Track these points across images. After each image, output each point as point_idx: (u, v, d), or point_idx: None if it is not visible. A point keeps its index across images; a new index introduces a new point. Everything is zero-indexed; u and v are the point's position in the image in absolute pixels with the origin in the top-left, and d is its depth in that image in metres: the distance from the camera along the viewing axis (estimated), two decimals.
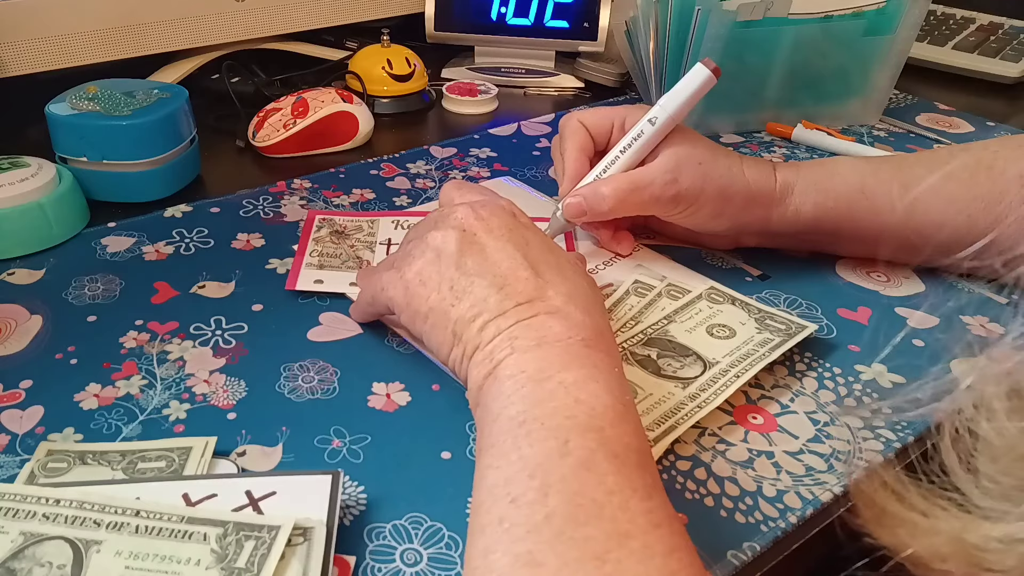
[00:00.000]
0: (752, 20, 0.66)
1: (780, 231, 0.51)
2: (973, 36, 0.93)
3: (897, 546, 0.25)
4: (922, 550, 0.24)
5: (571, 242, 0.55)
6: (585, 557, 0.27)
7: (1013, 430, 0.23)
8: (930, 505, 0.24)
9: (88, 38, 0.67)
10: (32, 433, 0.39)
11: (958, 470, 0.24)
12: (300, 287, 0.49)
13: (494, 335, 0.36)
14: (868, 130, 0.76)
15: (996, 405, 0.24)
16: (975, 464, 0.24)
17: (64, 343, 0.45)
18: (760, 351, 0.44)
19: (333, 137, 0.68)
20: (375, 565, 0.33)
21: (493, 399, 0.34)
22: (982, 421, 0.24)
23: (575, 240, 0.55)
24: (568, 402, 0.32)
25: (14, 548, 0.31)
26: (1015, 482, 0.23)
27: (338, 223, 0.56)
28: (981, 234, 0.48)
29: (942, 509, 0.24)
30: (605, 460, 0.30)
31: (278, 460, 0.38)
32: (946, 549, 0.23)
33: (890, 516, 0.25)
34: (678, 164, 0.48)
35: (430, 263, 0.39)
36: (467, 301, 0.37)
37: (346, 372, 0.43)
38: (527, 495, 0.29)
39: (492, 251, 0.38)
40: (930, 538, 0.24)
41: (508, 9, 0.84)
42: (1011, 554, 0.22)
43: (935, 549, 0.24)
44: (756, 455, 0.39)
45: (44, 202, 0.52)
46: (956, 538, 0.23)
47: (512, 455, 0.31)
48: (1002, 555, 0.22)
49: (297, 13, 0.78)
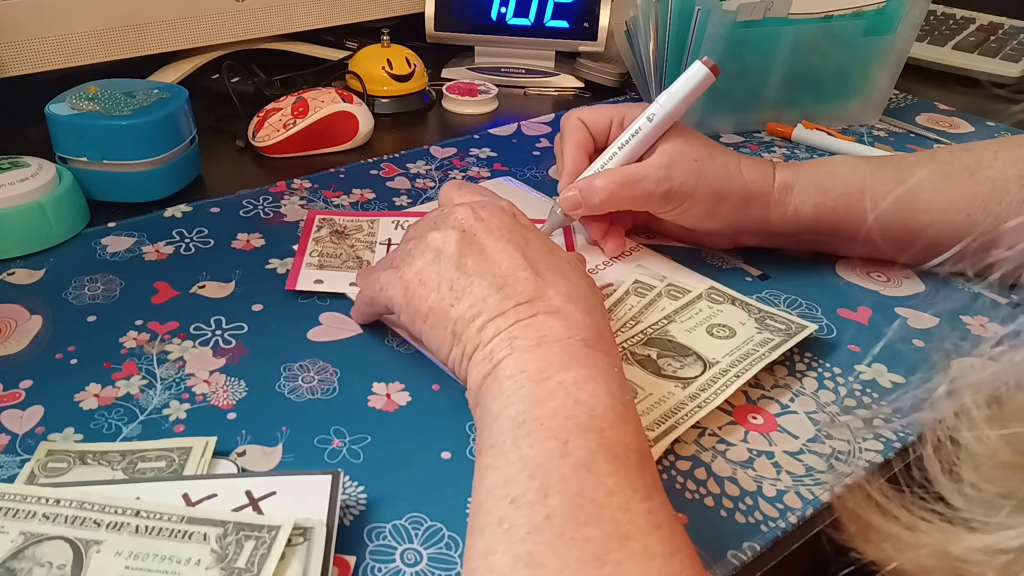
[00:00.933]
0: (752, 20, 0.66)
1: (779, 231, 0.51)
2: (973, 36, 0.93)
3: (882, 561, 0.25)
4: (907, 564, 0.24)
5: (571, 242, 0.55)
6: (585, 558, 0.27)
7: (994, 437, 0.23)
8: (914, 518, 0.24)
9: (88, 38, 0.67)
10: (32, 433, 0.39)
11: (941, 478, 0.24)
12: (300, 287, 0.49)
13: (494, 335, 0.36)
14: (868, 130, 0.76)
15: (975, 413, 0.24)
16: (958, 472, 0.24)
17: (64, 343, 0.45)
18: (760, 351, 0.44)
19: (333, 137, 0.68)
20: (375, 565, 0.33)
21: (493, 399, 0.34)
22: (963, 429, 0.24)
23: (574, 237, 0.55)
24: (568, 402, 0.32)
25: (14, 548, 0.31)
26: (997, 489, 0.23)
27: (338, 223, 0.56)
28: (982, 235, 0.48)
29: (926, 522, 0.24)
30: (605, 461, 0.30)
31: (278, 460, 0.38)
32: (930, 562, 0.23)
33: (874, 530, 0.25)
34: (672, 161, 0.48)
35: (430, 263, 0.39)
36: (467, 301, 0.37)
37: (346, 372, 0.43)
38: (527, 495, 0.29)
39: (492, 251, 0.38)
40: (914, 551, 0.24)
41: (508, 9, 0.84)
42: (992, 565, 0.22)
43: (919, 563, 0.24)
44: (756, 455, 0.39)
45: (44, 202, 0.52)
46: (940, 551, 0.23)
47: (512, 455, 0.31)
48: (984, 567, 0.22)
49: (297, 13, 0.78)
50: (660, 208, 0.50)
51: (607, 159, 0.51)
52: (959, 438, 0.24)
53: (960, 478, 0.24)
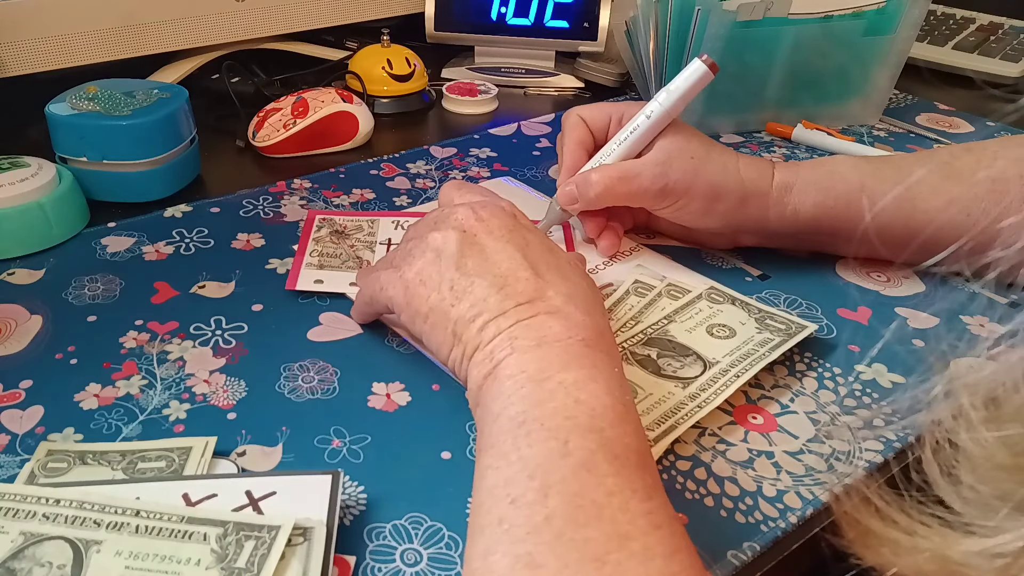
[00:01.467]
0: (752, 20, 0.66)
1: (779, 231, 0.51)
2: (973, 36, 0.93)
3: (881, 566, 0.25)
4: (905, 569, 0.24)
5: (571, 242, 0.55)
6: (585, 559, 0.27)
7: (991, 439, 0.23)
8: (912, 522, 0.24)
9: (88, 38, 0.67)
10: (32, 433, 0.39)
11: (940, 481, 0.24)
12: (300, 287, 0.49)
13: (494, 335, 0.36)
14: (868, 130, 0.76)
15: (973, 415, 0.24)
16: (956, 475, 0.24)
17: (64, 343, 0.45)
18: (760, 351, 0.44)
19: (333, 137, 0.68)
20: (375, 565, 0.33)
21: (493, 399, 0.34)
22: (961, 431, 0.24)
23: (573, 236, 0.55)
24: (568, 403, 0.32)
25: (14, 548, 0.31)
26: (994, 491, 0.23)
27: (338, 223, 0.56)
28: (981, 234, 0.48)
29: (924, 526, 0.24)
30: (605, 461, 0.30)
31: (278, 460, 0.38)
32: (929, 567, 0.23)
33: (873, 535, 0.25)
34: (669, 157, 0.49)
35: (430, 263, 0.39)
36: (467, 301, 0.37)
37: (346, 372, 0.43)
38: (527, 496, 0.29)
39: (492, 252, 0.38)
40: (913, 556, 0.24)
41: (508, 9, 0.84)
42: (990, 569, 0.22)
43: (918, 567, 0.24)
44: (756, 455, 0.39)
45: (44, 202, 0.52)
46: (938, 555, 0.23)
47: (512, 455, 0.31)
48: (981, 571, 0.22)
49: (297, 13, 0.78)
50: (656, 204, 0.50)
51: (605, 155, 0.51)
52: (957, 440, 0.24)
53: (959, 481, 0.24)
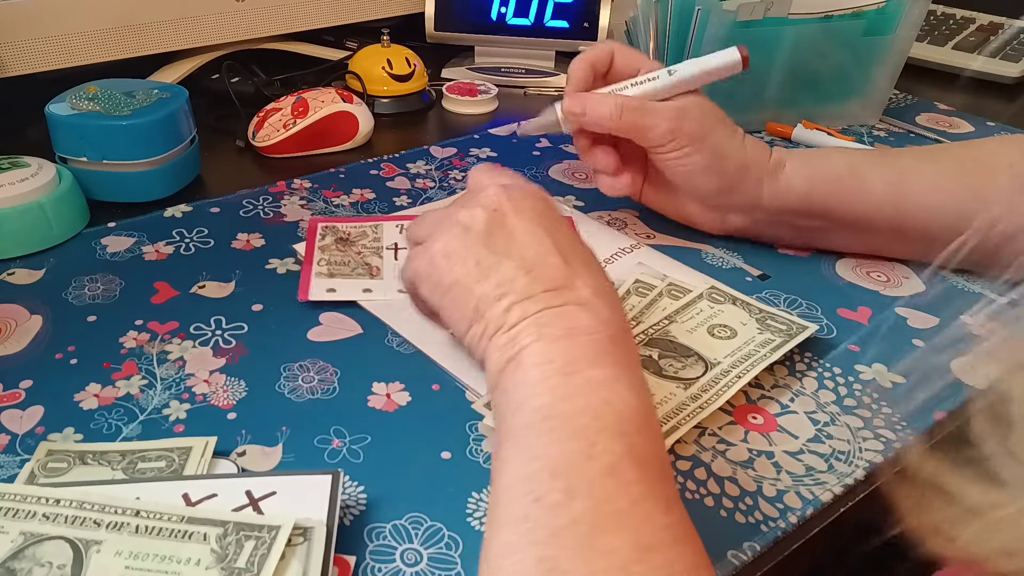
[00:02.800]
0: (752, 20, 0.66)
1: (770, 208, 0.52)
2: (973, 36, 0.93)
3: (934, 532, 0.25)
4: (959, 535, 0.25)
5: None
6: (611, 568, 0.26)
7: None
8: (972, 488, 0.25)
9: (88, 38, 0.67)
10: (32, 433, 0.39)
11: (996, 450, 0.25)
12: (313, 297, 0.48)
13: (520, 318, 0.34)
14: (868, 130, 0.76)
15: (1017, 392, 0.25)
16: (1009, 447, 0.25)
17: (64, 343, 0.45)
18: (761, 351, 0.44)
19: (333, 137, 0.68)
20: (375, 565, 0.33)
21: (515, 386, 0.33)
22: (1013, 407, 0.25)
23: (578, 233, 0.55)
24: (596, 402, 0.31)
25: (14, 548, 0.31)
26: None
27: (341, 230, 0.55)
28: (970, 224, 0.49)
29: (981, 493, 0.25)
30: (631, 468, 0.29)
31: (278, 460, 0.38)
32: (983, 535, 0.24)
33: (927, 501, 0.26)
34: (687, 110, 0.51)
35: (456, 237, 0.37)
36: (494, 279, 0.36)
37: (346, 372, 0.43)
38: (551, 496, 0.28)
39: (521, 233, 0.37)
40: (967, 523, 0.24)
41: (508, 9, 0.84)
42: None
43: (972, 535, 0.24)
44: (756, 455, 0.39)
45: (44, 202, 0.52)
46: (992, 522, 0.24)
47: (536, 450, 0.30)
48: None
49: (297, 13, 0.78)
50: (661, 142, 0.51)
51: (619, 89, 0.52)
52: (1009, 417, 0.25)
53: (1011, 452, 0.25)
